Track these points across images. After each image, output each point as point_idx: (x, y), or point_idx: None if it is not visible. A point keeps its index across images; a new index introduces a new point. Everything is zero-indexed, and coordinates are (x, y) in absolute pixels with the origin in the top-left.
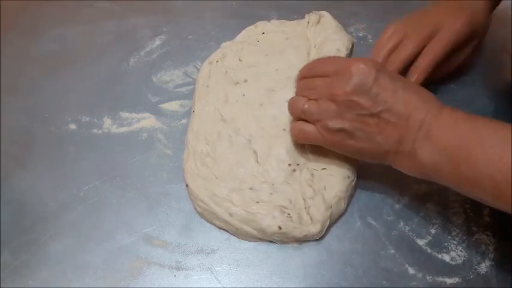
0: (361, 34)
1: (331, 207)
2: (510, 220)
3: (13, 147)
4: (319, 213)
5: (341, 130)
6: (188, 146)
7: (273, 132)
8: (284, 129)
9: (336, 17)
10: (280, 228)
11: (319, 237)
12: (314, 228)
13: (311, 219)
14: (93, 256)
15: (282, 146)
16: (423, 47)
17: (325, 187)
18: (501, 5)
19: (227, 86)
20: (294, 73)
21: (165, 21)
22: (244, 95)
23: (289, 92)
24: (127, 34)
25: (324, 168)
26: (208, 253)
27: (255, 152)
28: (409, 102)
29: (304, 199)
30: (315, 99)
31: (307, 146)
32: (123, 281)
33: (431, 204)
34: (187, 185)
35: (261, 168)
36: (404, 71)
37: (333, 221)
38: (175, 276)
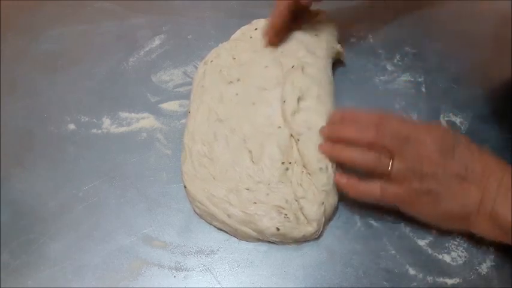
0: (361, 33)
1: (322, 203)
2: None
3: (13, 147)
4: (312, 212)
5: (429, 192)
6: (185, 147)
7: (266, 130)
8: (280, 127)
9: (335, 16)
10: (278, 229)
11: (317, 236)
12: (311, 228)
13: (306, 219)
14: (93, 256)
15: (275, 144)
16: None
17: (310, 185)
18: (501, 5)
19: (221, 85)
20: (283, 72)
21: (165, 21)
22: (237, 94)
23: (283, 93)
24: (127, 34)
25: (304, 166)
26: (208, 254)
27: (250, 151)
28: (487, 165)
29: (296, 200)
30: (398, 157)
31: (297, 145)
32: (123, 282)
33: None
34: (185, 187)
35: (256, 167)
36: None
37: (329, 217)
38: (175, 277)
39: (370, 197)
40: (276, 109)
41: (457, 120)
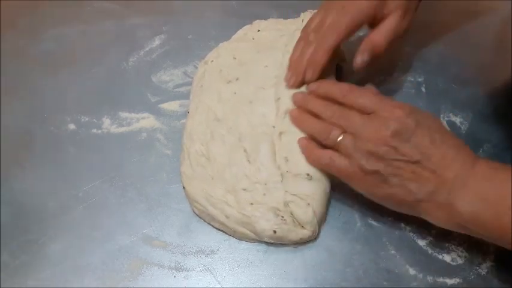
0: (361, 34)
1: (309, 205)
2: None
3: (13, 147)
4: (302, 216)
5: (376, 172)
6: (183, 148)
7: (261, 129)
8: (274, 126)
9: None
10: (275, 232)
11: (314, 238)
12: (307, 231)
13: (299, 223)
14: (93, 256)
15: (269, 144)
16: None
17: (294, 188)
18: (501, 5)
19: (221, 85)
20: (282, 71)
21: (165, 21)
22: (235, 93)
23: (278, 91)
24: (127, 34)
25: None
26: (208, 254)
27: (245, 150)
28: (447, 154)
29: (286, 203)
30: (350, 133)
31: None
32: (123, 282)
33: None
34: (184, 187)
35: (252, 167)
36: None
37: (321, 218)
38: (175, 277)
39: (319, 163)
40: (272, 108)
41: (457, 120)
